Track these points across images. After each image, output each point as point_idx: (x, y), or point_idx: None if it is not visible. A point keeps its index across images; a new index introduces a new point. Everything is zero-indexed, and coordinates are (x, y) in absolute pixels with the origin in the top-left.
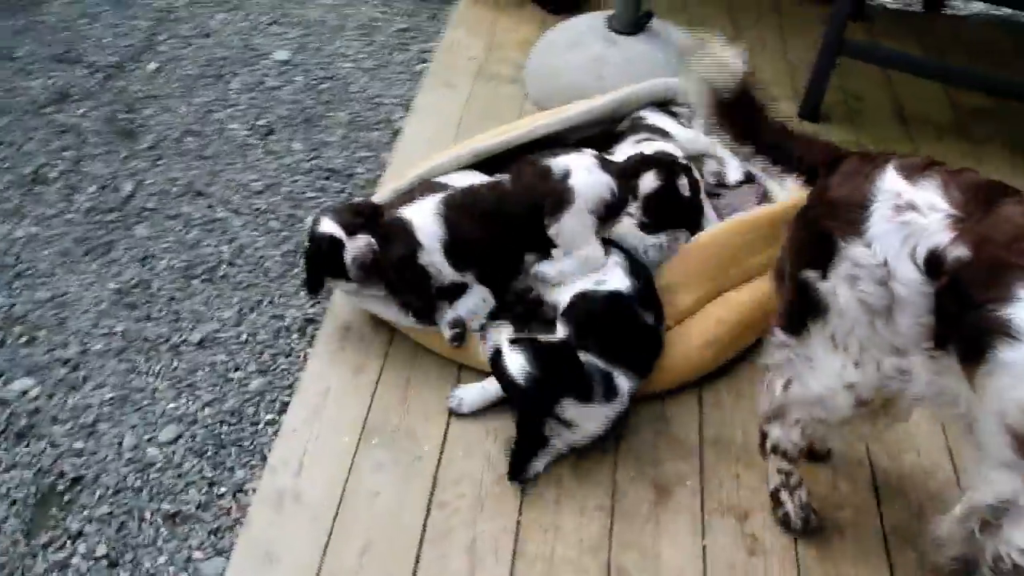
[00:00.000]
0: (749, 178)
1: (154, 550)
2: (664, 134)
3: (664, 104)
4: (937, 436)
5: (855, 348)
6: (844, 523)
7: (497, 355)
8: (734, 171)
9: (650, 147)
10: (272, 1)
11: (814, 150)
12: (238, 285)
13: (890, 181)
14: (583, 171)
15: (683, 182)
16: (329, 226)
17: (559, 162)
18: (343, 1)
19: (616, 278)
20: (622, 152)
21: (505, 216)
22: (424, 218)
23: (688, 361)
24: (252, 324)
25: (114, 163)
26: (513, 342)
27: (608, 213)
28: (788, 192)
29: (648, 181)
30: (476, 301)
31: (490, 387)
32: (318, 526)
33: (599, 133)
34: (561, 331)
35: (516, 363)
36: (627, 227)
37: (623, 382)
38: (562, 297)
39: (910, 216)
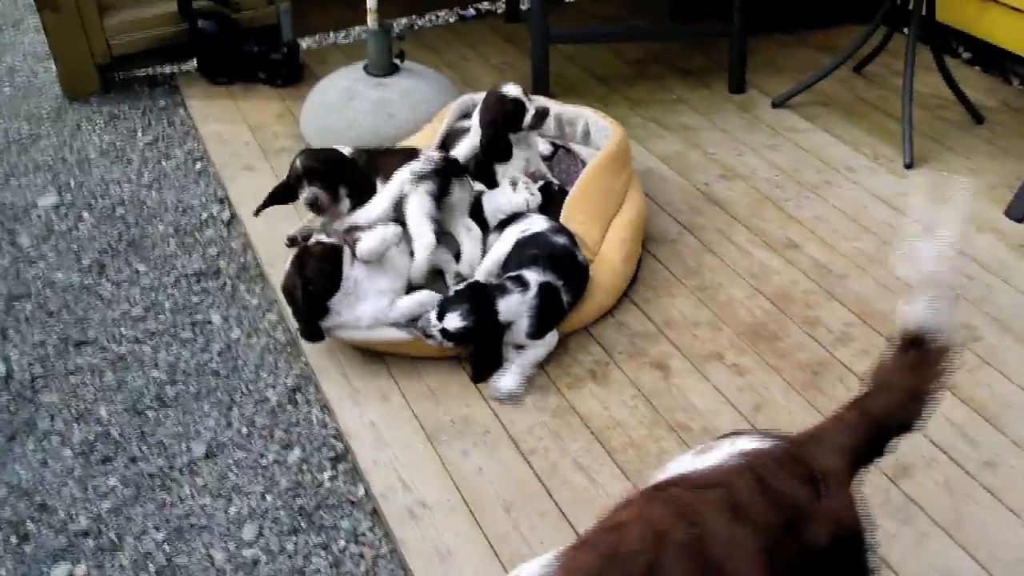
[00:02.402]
0: (555, 147)
1: None
2: None
3: (467, 114)
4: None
5: None
6: None
7: (444, 331)
8: (542, 147)
9: None
10: None
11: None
12: (198, 396)
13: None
14: None
15: None
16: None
17: None
18: (64, 138)
19: (537, 222)
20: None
21: None
22: None
23: (619, 277)
24: (242, 418)
25: None
26: (439, 314)
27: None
28: (594, 150)
29: None
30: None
31: (520, 362)
32: (459, 513)
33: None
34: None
35: (454, 319)
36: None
37: (531, 275)
38: (502, 248)
39: None
